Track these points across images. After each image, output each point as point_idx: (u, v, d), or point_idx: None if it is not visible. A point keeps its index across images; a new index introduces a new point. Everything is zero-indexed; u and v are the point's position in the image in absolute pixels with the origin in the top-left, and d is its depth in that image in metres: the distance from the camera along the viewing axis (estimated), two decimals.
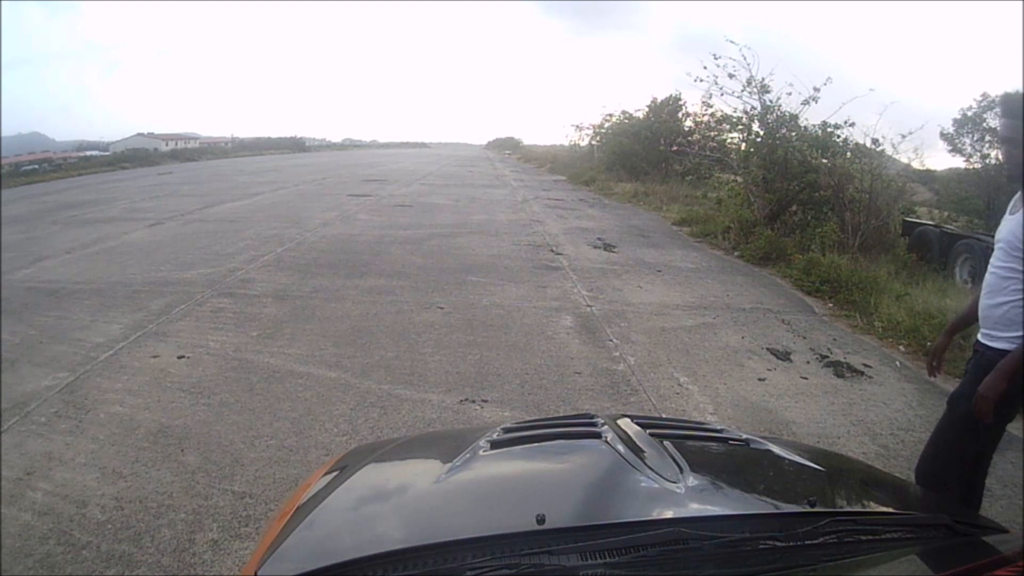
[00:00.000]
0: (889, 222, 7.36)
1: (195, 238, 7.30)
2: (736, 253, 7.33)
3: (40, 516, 2.15)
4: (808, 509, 0.91)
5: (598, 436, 1.07)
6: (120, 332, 4.02)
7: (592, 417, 1.21)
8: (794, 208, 7.96)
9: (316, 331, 4.08)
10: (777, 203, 7.87)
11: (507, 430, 1.14)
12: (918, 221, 7.65)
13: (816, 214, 7.62)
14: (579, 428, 1.18)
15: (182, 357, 3.61)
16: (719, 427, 1.28)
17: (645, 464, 0.95)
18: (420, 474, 1.11)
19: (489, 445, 1.05)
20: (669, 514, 0.87)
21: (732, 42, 8.44)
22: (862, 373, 3.78)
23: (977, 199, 8.90)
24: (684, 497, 0.88)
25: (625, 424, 1.16)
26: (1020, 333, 1.56)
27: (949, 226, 7.55)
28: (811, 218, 7.61)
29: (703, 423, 1.45)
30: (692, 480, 0.91)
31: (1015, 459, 2.82)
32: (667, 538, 0.77)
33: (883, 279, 5.56)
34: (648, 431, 1.14)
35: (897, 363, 3.98)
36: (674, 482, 0.90)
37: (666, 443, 1.05)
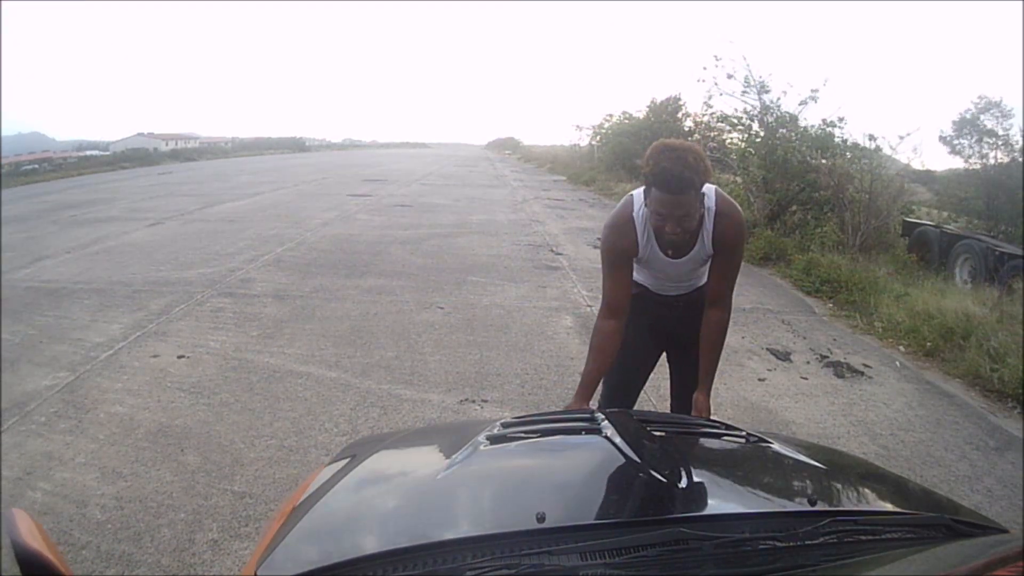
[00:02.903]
0: (889, 222, 7.37)
1: (195, 238, 7.30)
2: None
3: (40, 516, 2.15)
4: (809, 508, 0.91)
5: (598, 432, 1.07)
6: (120, 332, 4.02)
7: (592, 412, 1.21)
8: (794, 208, 7.96)
9: (316, 331, 4.08)
10: (777, 203, 7.87)
11: (507, 425, 1.14)
12: (918, 221, 7.65)
13: (816, 214, 7.62)
14: (579, 424, 1.18)
15: (182, 357, 3.61)
16: (719, 423, 1.27)
17: (646, 461, 0.94)
18: (419, 471, 1.10)
19: (489, 441, 1.05)
20: (670, 512, 0.87)
21: (731, 43, 8.47)
22: (862, 373, 3.78)
23: (977, 200, 8.90)
24: (685, 495, 0.88)
25: (626, 420, 1.15)
26: None
27: (949, 226, 7.56)
28: (811, 218, 7.61)
29: (704, 419, 1.45)
30: (693, 477, 0.91)
31: (1015, 459, 2.82)
32: (667, 538, 0.77)
33: (883, 279, 5.56)
34: (649, 427, 1.14)
35: (897, 363, 3.98)
36: (675, 479, 0.90)
37: (667, 439, 1.04)
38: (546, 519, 0.80)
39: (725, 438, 1.16)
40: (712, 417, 1.67)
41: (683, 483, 0.90)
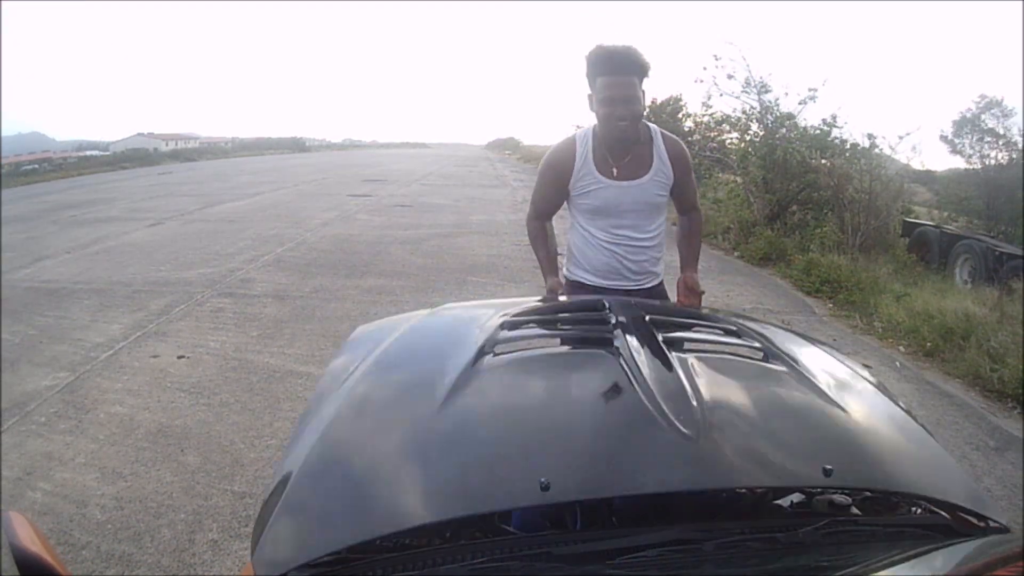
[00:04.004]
0: (889, 222, 7.37)
1: (195, 238, 7.30)
2: (736, 254, 7.33)
3: (40, 516, 2.15)
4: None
5: (610, 343, 1.01)
6: (120, 332, 4.02)
7: (603, 310, 1.14)
8: (794, 208, 7.97)
9: (316, 331, 4.08)
10: (776, 203, 7.87)
11: (511, 325, 1.08)
12: (918, 221, 7.66)
13: (816, 214, 7.62)
14: (589, 327, 1.12)
15: (182, 357, 3.61)
16: (735, 323, 1.18)
17: (661, 402, 0.88)
18: (415, 406, 0.98)
19: (493, 353, 1.00)
20: (679, 478, 0.83)
21: (731, 43, 8.49)
22: None
23: (977, 200, 8.91)
24: (696, 458, 0.83)
25: (638, 323, 1.07)
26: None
27: (949, 226, 7.56)
28: (811, 218, 7.61)
29: (716, 316, 1.28)
30: (705, 430, 0.85)
31: (1015, 459, 2.82)
32: (667, 538, 0.77)
33: (883, 279, 5.56)
34: (661, 333, 1.06)
35: (897, 363, 3.98)
36: (688, 431, 0.84)
37: (682, 362, 0.97)
38: (551, 487, 0.76)
39: (744, 357, 1.09)
40: (723, 312, 1.52)
41: (696, 436, 0.83)
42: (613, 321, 1.08)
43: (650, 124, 1.83)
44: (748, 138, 8.51)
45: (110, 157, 25.75)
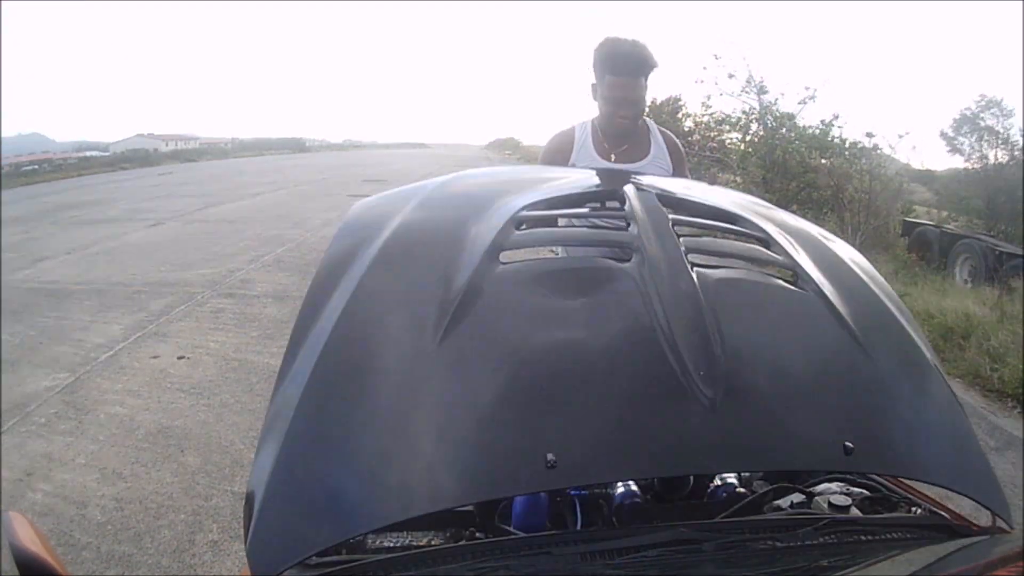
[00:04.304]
0: (889, 222, 7.38)
1: (195, 238, 7.30)
2: None
3: (40, 517, 2.15)
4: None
5: (629, 255, 0.93)
6: (120, 332, 4.02)
7: (623, 205, 1.03)
8: (793, 208, 7.97)
9: None
10: (776, 203, 7.87)
11: (524, 222, 1.00)
12: (918, 221, 7.66)
13: (815, 214, 7.62)
14: (608, 231, 1.06)
15: (182, 358, 3.61)
16: (765, 229, 1.06)
17: (682, 351, 0.80)
18: (410, 343, 0.85)
19: (501, 263, 0.91)
20: (696, 459, 0.79)
21: (732, 43, 8.51)
22: None
23: (977, 199, 8.91)
24: (714, 433, 0.77)
25: (661, 230, 0.96)
26: None
27: (949, 226, 7.56)
28: (811, 218, 7.62)
29: (746, 219, 1.11)
30: (724, 392, 0.78)
31: (1015, 459, 2.82)
32: (667, 538, 0.77)
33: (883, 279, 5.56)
34: (682, 241, 0.95)
35: None
36: (709, 391, 0.77)
37: (705, 287, 0.88)
38: (557, 465, 0.71)
39: (774, 279, 0.98)
40: (753, 203, 1.37)
41: (717, 413, 0.77)
42: (634, 226, 0.98)
43: (646, 118, 1.90)
44: (749, 138, 8.52)
45: (110, 158, 25.78)
